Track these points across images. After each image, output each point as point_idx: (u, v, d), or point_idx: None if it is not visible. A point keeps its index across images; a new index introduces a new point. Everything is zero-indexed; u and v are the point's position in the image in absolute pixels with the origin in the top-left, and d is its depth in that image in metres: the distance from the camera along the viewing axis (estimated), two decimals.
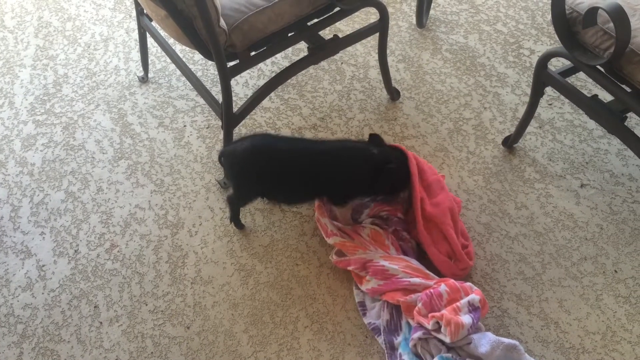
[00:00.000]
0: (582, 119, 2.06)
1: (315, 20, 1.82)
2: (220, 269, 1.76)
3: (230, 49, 1.69)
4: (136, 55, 2.42)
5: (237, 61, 1.73)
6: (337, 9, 1.82)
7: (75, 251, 1.82)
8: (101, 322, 1.67)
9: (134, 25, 2.56)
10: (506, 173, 1.93)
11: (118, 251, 1.82)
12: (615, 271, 1.68)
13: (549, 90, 2.00)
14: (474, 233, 1.78)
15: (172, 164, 2.04)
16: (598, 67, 1.56)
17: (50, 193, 1.98)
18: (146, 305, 1.69)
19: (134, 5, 2.14)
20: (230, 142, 1.72)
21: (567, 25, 1.56)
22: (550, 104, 2.13)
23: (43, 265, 1.80)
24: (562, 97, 2.01)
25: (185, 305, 1.69)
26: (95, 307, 1.70)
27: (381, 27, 1.95)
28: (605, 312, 1.60)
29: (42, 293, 1.74)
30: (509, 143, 1.97)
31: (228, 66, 1.69)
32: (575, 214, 1.81)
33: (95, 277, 1.76)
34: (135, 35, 2.51)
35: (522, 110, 2.10)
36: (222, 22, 1.62)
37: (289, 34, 1.80)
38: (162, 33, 2.10)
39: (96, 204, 1.94)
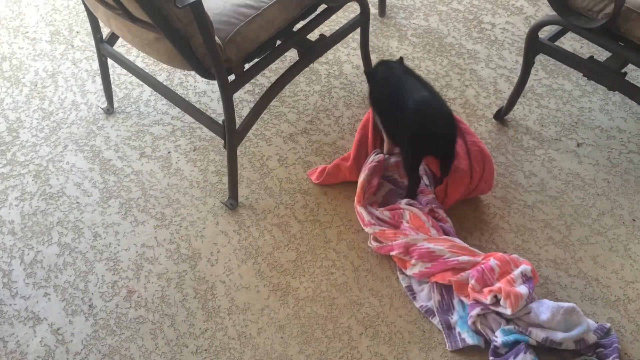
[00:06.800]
0: (559, 82, 2.14)
1: (302, 24, 1.78)
2: (254, 293, 1.67)
3: (227, 64, 1.60)
4: (92, 86, 2.25)
5: (234, 77, 1.65)
6: (321, 8, 1.78)
7: (90, 306, 1.67)
8: None
9: (79, 55, 2.38)
10: (506, 145, 1.97)
11: (138, 296, 1.68)
12: (634, 220, 1.76)
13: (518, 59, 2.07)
14: (493, 209, 1.81)
15: (168, 194, 1.92)
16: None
17: (41, 249, 1.80)
18: (187, 347, 1.58)
19: (74, 34, 1.97)
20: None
21: None
22: None
23: (58, 329, 1.63)
24: (535, 64, 2.08)
25: (229, 339, 1.59)
26: None
27: (363, 21, 1.93)
28: (637, 260, 1.68)
29: (67, 359, 1.58)
30: (502, 115, 2.02)
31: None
32: (581, 173, 1.88)
33: (121, 329, 1.62)
34: (85, 65, 2.33)
35: (501, 82, 2.16)
36: (216, 37, 1.54)
37: (277, 43, 1.74)
38: (134, 58, 1.95)
39: (97, 252, 1.79)
